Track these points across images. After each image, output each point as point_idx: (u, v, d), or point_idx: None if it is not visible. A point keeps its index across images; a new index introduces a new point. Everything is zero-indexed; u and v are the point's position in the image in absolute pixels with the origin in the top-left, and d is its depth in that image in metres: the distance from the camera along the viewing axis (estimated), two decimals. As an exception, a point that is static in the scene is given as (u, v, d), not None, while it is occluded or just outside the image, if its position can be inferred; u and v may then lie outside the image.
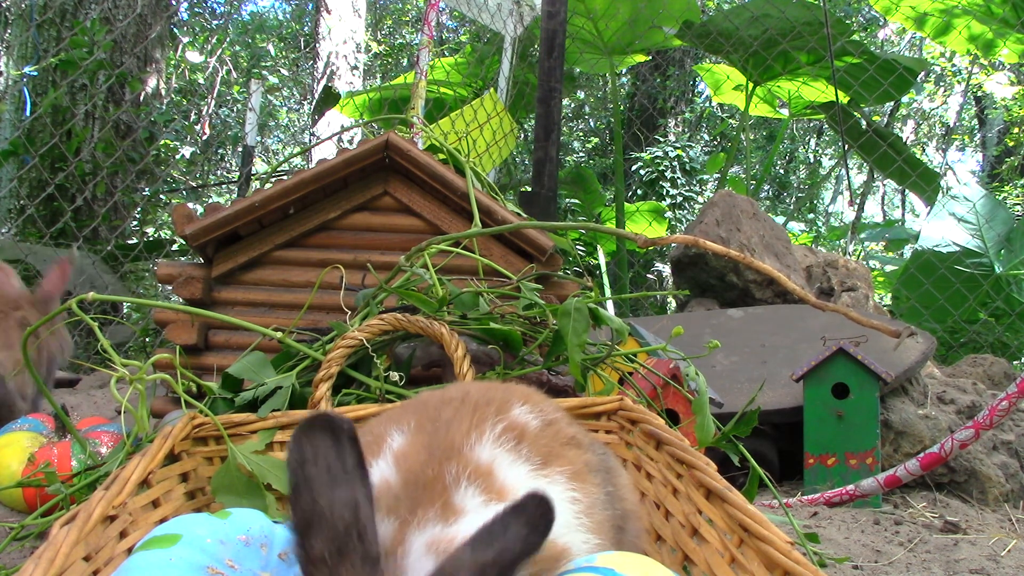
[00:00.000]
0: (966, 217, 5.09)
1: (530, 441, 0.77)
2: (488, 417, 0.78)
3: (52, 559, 0.67)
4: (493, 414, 0.79)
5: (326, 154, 6.95)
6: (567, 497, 0.74)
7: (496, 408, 0.81)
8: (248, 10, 13.44)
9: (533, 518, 0.59)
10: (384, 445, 0.75)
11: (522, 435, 0.77)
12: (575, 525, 0.72)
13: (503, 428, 0.77)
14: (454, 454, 0.72)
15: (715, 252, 1.35)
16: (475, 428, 0.76)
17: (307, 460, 0.61)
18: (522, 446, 0.76)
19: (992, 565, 1.57)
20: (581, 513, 0.74)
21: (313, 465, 0.61)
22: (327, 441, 0.62)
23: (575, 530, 0.72)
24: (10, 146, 4.62)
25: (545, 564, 0.66)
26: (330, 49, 8.87)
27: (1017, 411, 2.52)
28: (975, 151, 15.75)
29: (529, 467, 0.74)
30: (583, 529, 0.73)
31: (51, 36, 5.16)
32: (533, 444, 0.77)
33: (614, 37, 5.82)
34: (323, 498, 0.60)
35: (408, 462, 0.72)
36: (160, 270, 1.83)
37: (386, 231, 1.87)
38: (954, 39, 6.00)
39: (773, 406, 2.36)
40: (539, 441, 0.78)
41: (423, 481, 0.69)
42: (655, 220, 8.08)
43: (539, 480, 0.73)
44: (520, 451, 0.75)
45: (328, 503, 0.60)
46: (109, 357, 1.15)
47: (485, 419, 0.78)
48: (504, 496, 0.69)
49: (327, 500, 0.60)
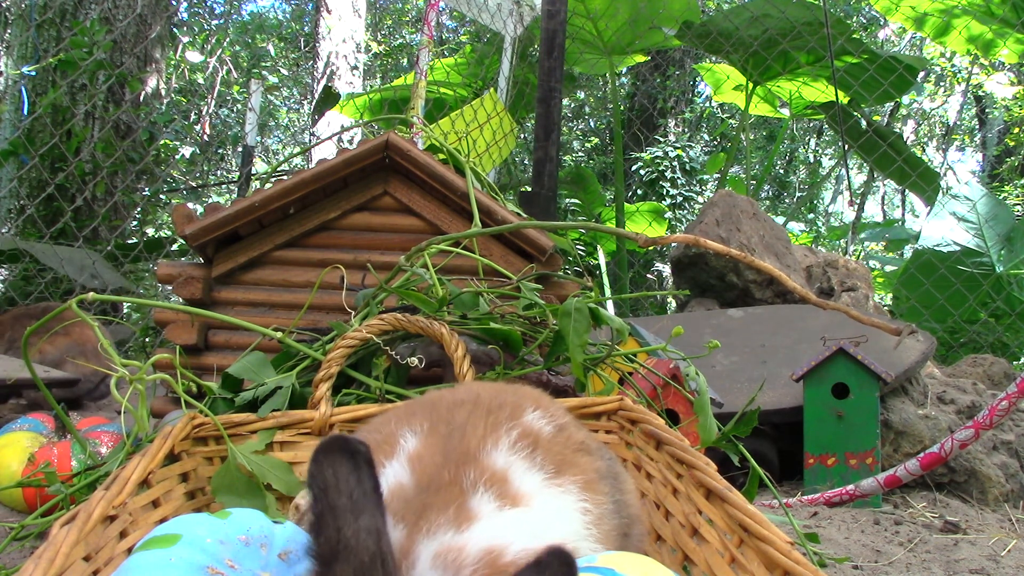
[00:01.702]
0: (966, 216, 5.09)
1: (544, 448, 0.77)
2: (502, 422, 0.78)
3: (52, 559, 0.67)
4: (507, 419, 0.79)
5: (326, 154, 6.95)
6: (579, 508, 0.74)
7: (509, 413, 0.81)
8: (248, 10, 13.44)
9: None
10: (397, 447, 0.75)
11: (536, 442, 0.77)
12: (585, 535, 0.72)
13: (518, 435, 0.77)
14: (470, 459, 0.72)
15: (715, 251, 1.35)
16: (490, 434, 0.76)
17: (329, 487, 0.62)
18: (536, 454, 0.76)
19: (992, 565, 1.57)
20: (591, 524, 0.74)
21: (336, 492, 0.61)
22: (346, 467, 0.63)
23: (585, 539, 0.72)
24: (10, 146, 4.61)
25: None
26: (330, 49, 8.87)
27: (1017, 411, 2.52)
28: (975, 151, 15.75)
29: (543, 475, 0.74)
30: (592, 539, 0.73)
31: (51, 36, 5.16)
32: (547, 452, 0.77)
33: (614, 37, 5.82)
34: (348, 528, 0.60)
35: (423, 465, 0.72)
36: (160, 270, 1.83)
37: (386, 231, 1.87)
38: (954, 39, 6.00)
39: (773, 406, 2.36)
40: (552, 448, 0.78)
41: (439, 485, 0.69)
42: (655, 220, 8.08)
43: (553, 489, 0.74)
44: (535, 459, 0.75)
45: (354, 533, 0.60)
46: (109, 357, 1.15)
47: (499, 424, 0.78)
48: (518, 503, 0.69)
49: (352, 530, 0.60)
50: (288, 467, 1.12)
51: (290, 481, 1.10)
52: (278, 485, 1.09)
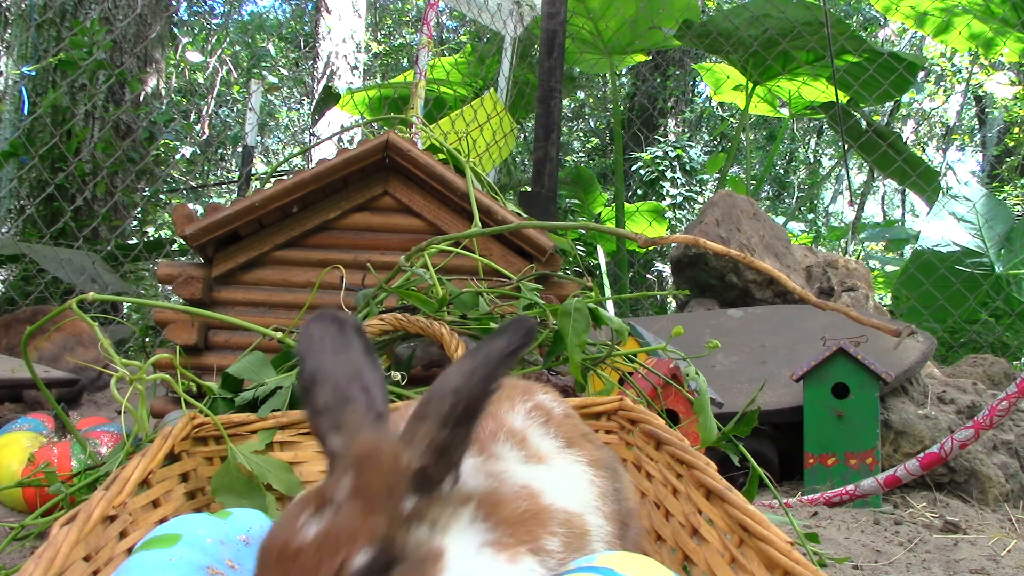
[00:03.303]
0: (966, 217, 5.09)
1: (556, 423, 0.79)
2: (517, 396, 0.81)
3: (52, 559, 0.67)
4: (520, 394, 0.81)
5: (326, 154, 6.95)
6: (588, 479, 0.75)
7: (522, 390, 0.83)
8: (248, 10, 13.44)
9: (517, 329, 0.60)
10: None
11: (549, 416, 0.79)
12: (594, 508, 0.73)
13: (532, 406, 0.79)
14: (490, 416, 0.73)
15: (715, 252, 1.35)
16: (506, 401, 0.78)
17: (313, 339, 0.64)
18: (550, 425, 0.78)
19: (992, 565, 1.57)
20: (599, 498, 0.75)
21: (320, 342, 0.63)
22: (332, 328, 0.65)
23: (595, 512, 0.73)
24: (10, 147, 4.61)
25: (572, 539, 0.66)
26: (330, 49, 8.87)
27: (1017, 411, 2.52)
28: (975, 151, 15.74)
29: (558, 444, 0.76)
30: (599, 514, 0.73)
31: (51, 36, 5.16)
32: (559, 427, 0.79)
33: (614, 37, 5.82)
34: (328, 361, 0.62)
35: None
36: (160, 270, 1.83)
37: (386, 231, 1.87)
38: (954, 38, 6.00)
39: (773, 406, 2.36)
40: (563, 425, 0.80)
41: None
42: (655, 220, 8.08)
43: (567, 456, 0.75)
44: (548, 429, 0.77)
45: (332, 364, 0.62)
46: (109, 357, 1.15)
47: (514, 396, 0.80)
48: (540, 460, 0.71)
49: (331, 363, 0.62)
50: (288, 467, 1.12)
51: (290, 481, 1.10)
52: (278, 485, 1.08)
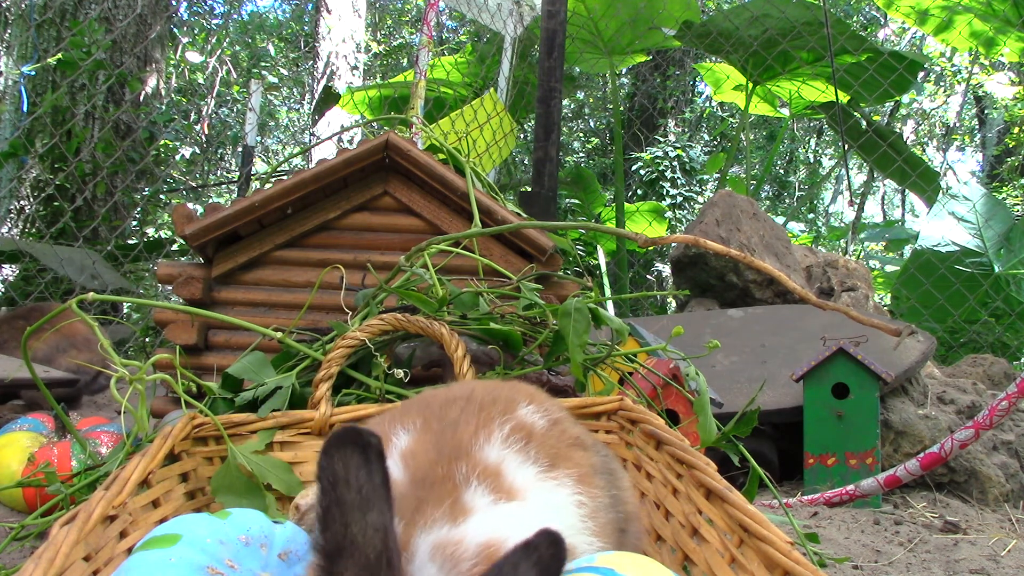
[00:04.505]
0: (966, 217, 5.09)
1: (538, 442, 0.77)
2: (495, 417, 0.78)
3: (52, 559, 0.67)
4: (500, 414, 0.79)
5: (326, 154, 6.95)
6: (574, 500, 0.74)
7: (502, 408, 0.80)
8: (248, 10, 13.43)
9: (544, 558, 0.57)
10: (390, 444, 0.75)
11: (530, 436, 0.77)
12: (580, 528, 0.72)
13: (511, 428, 0.76)
14: (463, 454, 0.72)
15: (715, 252, 1.35)
16: (483, 428, 0.76)
17: (339, 480, 0.60)
18: (530, 447, 0.75)
19: (992, 565, 1.57)
20: (587, 516, 0.74)
21: (345, 486, 0.60)
22: (357, 460, 0.61)
23: (580, 533, 0.72)
24: (10, 147, 4.61)
25: None
26: (330, 49, 8.87)
27: (1017, 411, 2.52)
28: (975, 151, 15.74)
29: (537, 468, 0.74)
30: (587, 532, 0.73)
31: (51, 36, 5.15)
32: (541, 445, 0.76)
33: (614, 37, 5.82)
34: (355, 524, 0.59)
35: (416, 461, 0.71)
36: (160, 270, 1.83)
37: (386, 231, 1.87)
38: (955, 36, 5.99)
39: (773, 406, 2.36)
40: (546, 442, 0.78)
41: (432, 480, 0.68)
42: (655, 220, 8.08)
43: (548, 482, 0.73)
44: (528, 452, 0.75)
45: (361, 530, 0.59)
46: (109, 357, 1.15)
47: (492, 419, 0.77)
48: (513, 496, 0.68)
49: (360, 527, 0.59)
50: (288, 467, 1.12)
51: (290, 481, 1.10)
52: (278, 485, 1.09)
